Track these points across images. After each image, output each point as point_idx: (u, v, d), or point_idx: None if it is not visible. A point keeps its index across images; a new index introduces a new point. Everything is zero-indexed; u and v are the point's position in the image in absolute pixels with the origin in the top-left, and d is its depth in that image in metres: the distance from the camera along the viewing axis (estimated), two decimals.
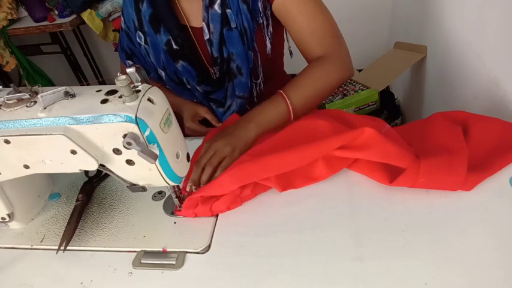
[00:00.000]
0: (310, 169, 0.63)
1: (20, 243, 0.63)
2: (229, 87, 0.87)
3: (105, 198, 0.69)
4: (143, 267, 0.55)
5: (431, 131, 0.66)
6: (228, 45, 0.80)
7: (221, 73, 0.85)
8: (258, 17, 0.79)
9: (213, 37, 0.80)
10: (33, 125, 0.50)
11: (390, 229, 0.54)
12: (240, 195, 0.61)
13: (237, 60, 0.81)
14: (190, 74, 0.85)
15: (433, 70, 1.34)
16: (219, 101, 0.90)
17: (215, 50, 0.81)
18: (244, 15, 0.77)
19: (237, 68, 0.82)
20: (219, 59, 0.82)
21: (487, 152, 0.61)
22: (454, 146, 0.60)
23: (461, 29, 1.05)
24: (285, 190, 0.63)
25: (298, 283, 0.50)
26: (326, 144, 0.61)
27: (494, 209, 0.55)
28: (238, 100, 0.87)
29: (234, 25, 0.78)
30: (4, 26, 1.91)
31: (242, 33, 0.79)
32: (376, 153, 0.59)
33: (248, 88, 0.86)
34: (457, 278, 0.47)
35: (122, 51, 0.95)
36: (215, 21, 0.78)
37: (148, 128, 0.48)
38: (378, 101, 1.72)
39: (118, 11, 1.87)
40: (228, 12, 0.77)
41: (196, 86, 0.87)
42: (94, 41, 2.38)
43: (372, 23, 2.11)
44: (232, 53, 0.80)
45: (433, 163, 0.57)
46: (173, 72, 0.88)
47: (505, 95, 0.79)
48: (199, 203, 0.60)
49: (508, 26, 0.77)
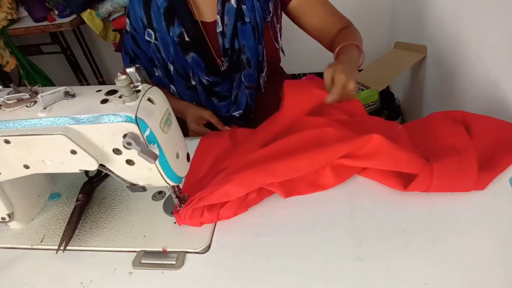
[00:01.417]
0: (316, 176, 0.62)
1: (20, 243, 0.63)
2: (236, 78, 0.91)
3: (105, 198, 0.69)
4: (143, 267, 0.55)
5: (435, 131, 0.66)
6: (241, 38, 0.86)
7: (230, 64, 0.90)
8: (266, 16, 0.87)
9: (226, 29, 0.85)
10: (33, 125, 0.50)
11: (390, 229, 0.54)
12: (246, 200, 0.61)
13: (247, 52, 0.87)
14: (199, 66, 0.89)
15: (433, 70, 1.34)
16: (222, 94, 0.93)
17: (227, 42, 0.87)
18: (257, 11, 0.85)
19: (246, 60, 0.88)
20: (229, 50, 0.88)
21: (491, 150, 0.61)
22: (461, 146, 0.59)
23: (461, 29, 1.05)
24: (288, 196, 0.62)
25: (298, 283, 0.50)
26: (333, 150, 0.60)
27: (494, 209, 0.55)
28: (247, 91, 0.92)
29: (248, 20, 0.85)
30: (4, 26, 1.91)
31: (254, 28, 0.86)
32: (387, 161, 0.59)
33: (255, 79, 0.92)
34: (457, 278, 0.47)
35: (125, 54, 0.97)
36: (230, 15, 0.84)
37: (148, 128, 0.48)
38: (378, 101, 1.72)
39: (118, 11, 1.87)
40: (244, 7, 0.84)
41: (203, 77, 0.90)
42: (94, 41, 2.38)
43: (372, 23, 2.10)
44: (243, 45, 0.87)
45: (445, 165, 0.56)
46: (181, 66, 0.91)
47: (505, 95, 0.79)
48: (205, 211, 0.59)
49: (508, 26, 0.77)
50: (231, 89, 0.93)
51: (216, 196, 0.59)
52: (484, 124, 0.65)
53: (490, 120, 0.66)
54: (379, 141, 0.59)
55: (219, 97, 0.94)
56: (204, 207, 0.59)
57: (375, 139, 0.59)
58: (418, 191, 0.58)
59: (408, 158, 0.58)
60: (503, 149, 0.61)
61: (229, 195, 0.59)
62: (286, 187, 0.62)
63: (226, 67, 0.90)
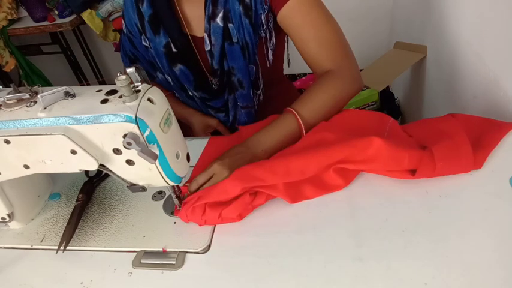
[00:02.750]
0: (322, 178, 0.62)
1: (20, 243, 0.63)
2: (231, 99, 0.86)
3: (105, 198, 0.69)
4: (143, 267, 0.55)
5: (425, 124, 0.68)
6: (229, 60, 0.79)
7: (220, 84, 0.85)
8: (260, 31, 0.77)
9: (214, 49, 0.79)
10: (33, 125, 0.50)
11: (390, 229, 0.54)
12: (252, 203, 0.60)
13: (238, 74, 0.81)
14: (188, 79, 0.85)
15: (433, 70, 1.34)
16: (217, 108, 0.90)
17: (215, 63, 0.81)
18: (246, 29, 0.75)
19: (238, 81, 0.82)
20: (219, 71, 0.82)
21: (479, 131, 0.64)
22: (452, 131, 0.62)
23: (461, 29, 1.05)
24: (295, 202, 0.60)
25: (298, 283, 0.50)
26: (334, 151, 0.60)
27: (494, 209, 0.55)
28: (243, 110, 0.87)
29: (235, 40, 0.76)
30: (4, 26, 1.91)
31: (244, 48, 0.78)
32: (389, 163, 0.60)
33: (251, 99, 0.86)
34: (457, 278, 0.47)
35: (125, 56, 0.93)
36: (217, 35, 0.77)
37: (148, 128, 0.48)
38: (378, 101, 1.72)
39: (118, 11, 1.87)
40: (230, 26, 0.75)
41: (193, 91, 0.87)
42: (94, 41, 2.38)
43: (372, 23, 2.11)
44: (232, 67, 0.80)
45: (442, 148, 0.58)
46: (174, 77, 0.86)
47: (505, 95, 0.79)
48: (207, 208, 0.58)
49: (508, 26, 0.77)
50: (225, 105, 0.88)
51: (214, 193, 0.58)
52: (472, 119, 0.68)
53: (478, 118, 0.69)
54: (379, 145, 0.59)
55: (214, 109, 0.90)
56: (206, 205, 0.59)
57: (375, 143, 0.59)
58: (425, 177, 0.59)
59: (409, 155, 0.58)
60: (491, 128, 0.64)
61: (228, 191, 0.58)
62: (292, 192, 0.61)
63: (217, 87, 0.85)
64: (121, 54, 0.96)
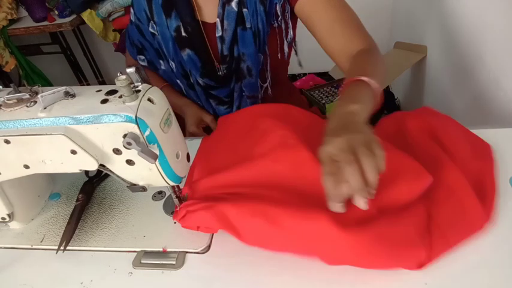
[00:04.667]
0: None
1: (20, 243, 0.63)
2: (237, 88, 0.86)
3: (105, 198, 0.69)
4: (143, 267, 0.55)
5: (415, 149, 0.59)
6: (240, 45, 0.80)
7: (228, 71, 0.85)
8: (273, 21, 0.79)
9: (225, 34, 0.80)
10: (33, 125, 0.50)
11: None
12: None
13: (247, 61, 0.82)
14: (195, 65, 0.84)
15: (433, 70, 1.34)
16: (220, 98, 0.89)
17: (226, 48, 0.81)
18: (260, 16, 0.77)
19: (247, 68, 0.82)
20: (228, 57, 0.82)
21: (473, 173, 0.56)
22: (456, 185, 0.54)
23: (462, 29, 1.05)
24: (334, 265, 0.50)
25: (298, 283, 0.50)
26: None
27: (494, 209, 0.54)
28: (248, 100, 0.87)
29: (248, 25, 0.78)
30: (4, 26, 1.91)
31: (255, 35, 0.79)
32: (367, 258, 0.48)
33: (258, 88, 0.86)
34: (457, 278, 0.47)
35: (131, 45, 0.93)
36: (230, 19, 0.78)
37: (148, 128, 0.48)
38: None
39: (118, 11, 1.87)
40: (245, 11, 0.77)
41: (199, 78, 0.86)
42: (94, 41, 2.38)
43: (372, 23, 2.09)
44: (243, 53, 0.81)
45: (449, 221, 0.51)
46: (179, 64, 0.87)
47: (505, 95, 0.79)
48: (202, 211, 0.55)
49: (508, 26, 0.77)
50: (230, 95, 0.88)
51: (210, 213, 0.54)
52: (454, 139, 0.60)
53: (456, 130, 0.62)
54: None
55: (216, 100, 0.90)
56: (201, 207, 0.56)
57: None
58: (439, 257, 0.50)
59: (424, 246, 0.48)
60: (483, 168, 0.58)
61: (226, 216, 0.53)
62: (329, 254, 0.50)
63: (224, 74, 0.85)
64: (127, 45, 0.96)
